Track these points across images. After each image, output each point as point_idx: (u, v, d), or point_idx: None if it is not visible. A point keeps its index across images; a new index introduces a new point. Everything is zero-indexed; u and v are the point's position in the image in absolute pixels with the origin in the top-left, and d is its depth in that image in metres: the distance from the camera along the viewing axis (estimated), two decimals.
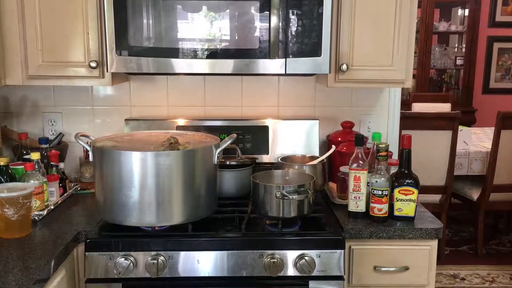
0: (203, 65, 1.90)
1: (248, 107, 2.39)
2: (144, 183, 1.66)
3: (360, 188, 1.85)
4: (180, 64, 1.90)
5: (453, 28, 5.83)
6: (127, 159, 1.65)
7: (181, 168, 1.69)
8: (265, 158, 2.27)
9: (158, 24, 1.89)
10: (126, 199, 1.66)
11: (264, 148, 2.27)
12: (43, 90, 2.34)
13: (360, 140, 1.85)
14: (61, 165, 2.12)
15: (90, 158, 1.77)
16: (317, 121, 2.29)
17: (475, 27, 5.66)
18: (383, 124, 2.43)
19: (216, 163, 1.79)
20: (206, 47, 1.89)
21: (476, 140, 4.27)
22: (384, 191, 1.81)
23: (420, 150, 3.53)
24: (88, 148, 1.77)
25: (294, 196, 1.72)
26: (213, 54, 1.89)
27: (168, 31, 1.90)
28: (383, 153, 1.81)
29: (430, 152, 3.71)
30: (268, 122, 2.28)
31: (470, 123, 5.56)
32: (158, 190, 1.66)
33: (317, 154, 2.26)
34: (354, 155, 1.86)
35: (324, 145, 2.36)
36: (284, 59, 1.91)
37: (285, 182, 1.94)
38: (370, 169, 1.88)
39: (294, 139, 2.28)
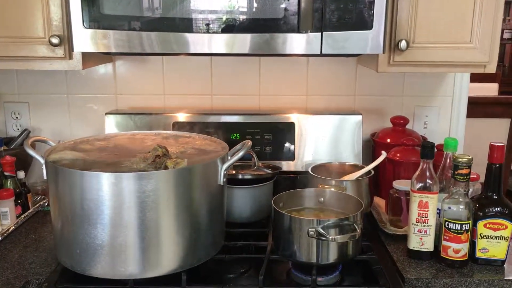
0: (205, 42, 1.35)
1: (267, 96, 1.84)
2: (117, 218, 1.13)
3: (427, 219, 1.30)
4: (173, 41, 1.35)
5: None
6: (91, 183, 1.12)
7: (172, 195, 1.16)
8: (289, 166, 1.72)
9: None
10: (90, 240, 1.14)
11: (288, 152, 1.72)
12: (2, 73, 1.82)
13: (430, 150, 1.29)
14: (21, 174, 1.61)
15: (44, 176, 1.24)
16: (360, 117, 1.72)
17: None
18: (444, 119, 1.86)
19: (222, 183, 1.25)
20: (208, 16, 1.33)
21: None
22: (464, 225, 1.26)
23: (469, 142, 2.96)
24: (41, 161, 1.24)
25: (336, 237, 1.18)
26: (219, 26, 1.33)
27: None
28: (465, 171, 1.25)
29: (482, 145, 3.11)
30: (294, 117, 1.72)
31: None
32: (138, 227, 1.13)
33: (359, 161, 1.71)
34: (419, 171, 1.30)
35: (367, 147, 1.80)
36: (319, 33, 1.34)
37: (319, 206, 1.39)
38: (441, 188, 1.33)
39: (328, 140, 1.72)
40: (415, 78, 1.81)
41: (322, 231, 1.18)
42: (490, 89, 4.38)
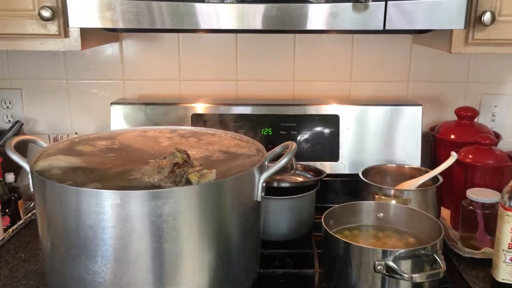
0: (230, 15, 1.05)
1: (303, 82, 1.54)
2: (123, 250, 0.85)
3: None
4: (190, 13, 1.05)
5: None
6: (89, 203, 0.84)
7: (196, 218, 0.87)
8: (332, 168, 1.43)
9: None
10: (88, 277, 0.86)
11: (331, 151, 1.43)
12: None
13: None
14: (10, 177, 1.34)
15: (31, 188, 0.97)
16: (420, 108, 1.42)
17: None
18: None
19: (259, 199, 0.96)
20: None
21: None
22: None
23: None
24: (28, 169, 0.96)
25: (414, 276, 0.89)
26: None
27: None
28: None
29: None
30: (338, 108, 1.42)
31: None
32: (151, 261, 0.85)
33: (417, 162, 1.41)
34: None
35: (425, 144, 1.49)
36: (383, 3, 1.04)
37: (378, 224, 1.11)
38: None
39: (379, 136, 1.42)
40: (483, 61, 1.50)
41: (394, 266, 0.89)
42: None
